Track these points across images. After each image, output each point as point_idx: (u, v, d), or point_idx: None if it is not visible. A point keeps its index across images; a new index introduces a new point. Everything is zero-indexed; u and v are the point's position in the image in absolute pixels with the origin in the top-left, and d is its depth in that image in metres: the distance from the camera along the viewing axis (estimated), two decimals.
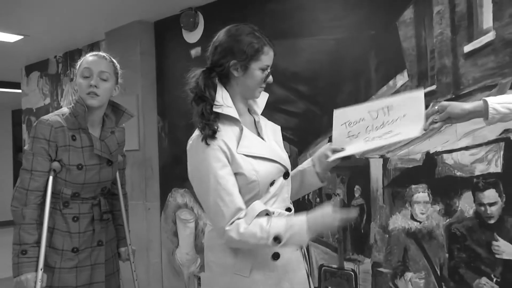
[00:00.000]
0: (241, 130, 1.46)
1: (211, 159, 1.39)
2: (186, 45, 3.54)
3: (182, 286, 3.65)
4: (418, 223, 2.35)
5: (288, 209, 1.51)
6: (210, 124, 1.41)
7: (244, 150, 1.43)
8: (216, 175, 1.38)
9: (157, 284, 3.79)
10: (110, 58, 2.00)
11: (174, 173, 3.69)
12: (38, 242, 1.84)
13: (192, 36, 3.49)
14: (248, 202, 1.41)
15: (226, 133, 1.43)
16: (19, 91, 5.66)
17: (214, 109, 1.43)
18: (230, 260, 1.46)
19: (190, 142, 1.49)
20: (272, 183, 1.47)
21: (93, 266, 1.99)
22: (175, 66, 3.68)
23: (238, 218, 1.37)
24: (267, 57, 1.48)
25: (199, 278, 3.51)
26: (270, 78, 1.50)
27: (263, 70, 1.47)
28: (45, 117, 1.93)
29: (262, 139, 1.52)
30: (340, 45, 2.65)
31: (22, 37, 4.14)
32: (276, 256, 1.45)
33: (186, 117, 3.53)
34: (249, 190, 1.44)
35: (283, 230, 1.34)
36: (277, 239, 1.33)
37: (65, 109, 1.98)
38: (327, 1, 2.71)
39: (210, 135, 1.39)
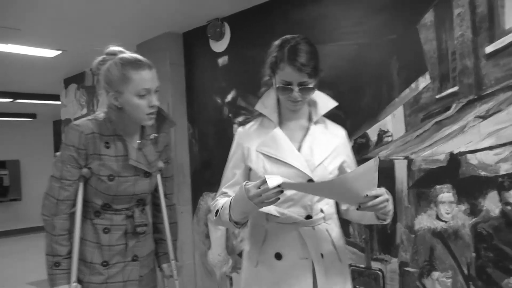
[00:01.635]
0: (272, 129, 1.60)
1: (233, 144, 1.70)
2: (213, 54, 3.65)
3: (214, 286, 3.75)
4: (444, 223, 2.37)
5: (308, 217, 1.56)
6: (248, 120, 1.71)
7: (262, 148, 1.59)
8: (229, 157, 1.70)
9: (190, 285, 3.90)
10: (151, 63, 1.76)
11: (204, 177, 3.80)
12: (70, 253, 1.74)
13: (219, 46, 3.60)
14: None
15: (258, 129, 1.64)
16: (59, 102, 5.90)
17: (256, 107, 1.65)
18: (246, 248, 1.67)
19: None
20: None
21: (126, 283, 1.81)
22: (203, 75, 3.80)
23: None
24: (283, 73, 1.51)
25: (231, 278, 3.60)
26: (294, 95, 1.52)
27: (284, 84, 1.53)
28: (76, 122, 1.75)
29: (301, 144, 1.59)
30: (362, 50, 2.71)
31: (60, 52, 4.35)
32: (278, 256, 1.56)
33: (214, 124, 3.68)
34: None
35: (223, 202, 1.56)
36: (217, 212, 1.56)
37: (100, 113, 1.80)
38: (348, 7, 2.77)
39: (242, 124, 1.71)
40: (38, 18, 3.42)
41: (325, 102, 1.66)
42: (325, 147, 1.60)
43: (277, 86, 1.55)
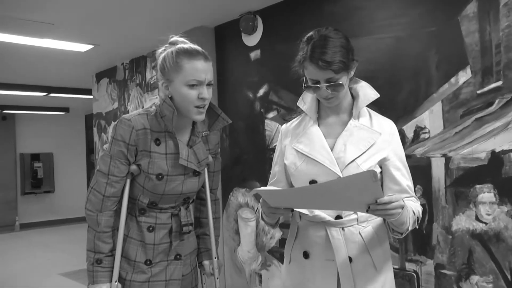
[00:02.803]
0: (310, 126, 1.59)
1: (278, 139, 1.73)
2: (245, 48, 3.62)
3: (244, 283, 3.73)
4: (484, 225, 2.27)
5: (338, 217, 1.51)
6: (292, 116, 1.73)
7: (296, 145, 1.59)
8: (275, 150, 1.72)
9: (220, 280, 3.88)
10: (208, 55, 1.67)
11: (235, 173, 3.77)
12: (113, 251, 1.69)
13: (251, 40, 3.56)
14: None
15: (297, 126, 1.64)
16: (91, 96, 5.99)
17: (297, 103, 1.65)
18: (286, 245, 1.67)
19: None
20: (313, 183, 1.51)
21: (168, 282, 1.76)
22: (235, 69, 3.76)
23: None
24: (308, 72, 1.49)
25: (260, 275, 3.57)
26: (323, 93, 1.48)
27: (312, 83, 1.50)
28: (127, 116, 1.67)
29: (336, 141, 1.54)
30: (399, 43, 2.62)
31: (92, 46, 4.40)
32: (306, 254, 1.54)
33: (246, 119, 3.64)
34: (293, 182, 1.61)
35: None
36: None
37: (152, 107, 1.71)
38: None
39: (286, 121, 1.73)
40: (71, 13, 3.46)
41: (366, 94, 1.58)
42: (361, 144, 1.52)
43: (305, 85, 1.52)
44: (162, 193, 1.70)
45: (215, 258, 1.92)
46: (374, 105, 1.63)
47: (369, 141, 1.52)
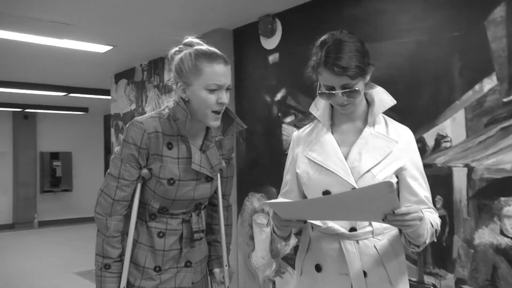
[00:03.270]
0: (323, 133, 1.53)
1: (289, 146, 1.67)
2: (264, 51, 3.57)
3: None
4: (510, 240, 2.17)
5: (352, 229, 1.44)
6: (304, 123, 1.66)
7: (308, 153, 1.53)
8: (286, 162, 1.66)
9: (232, 286, 3.84)
10: (227, 59, 1.63)
11: (251, 177, 3.72)
12: (122, 256, 1.64)
13: (270, 43, 3.51)
14: None
15: (310, 133, 1.58)
16: (109, 97, 6.02)
17: (310, 109, 1.59)
18: (297, 257, 1.63)
19: None
20: (327, 194, 1.45)
21: None
22: (253, 72, 3.72)
23: None
24: (323, 78, 1.42)
25: (274, 283, 3.51)
26: (339, 99, 1.42)
27: (326, 89, 1.44)
28: (139, 118, 1.62)
29: (350, 149, 1.47)
30: (421, 48, 2.53)
31: (111, 47, 4.40)
32: (318, 267, 1.48)
33: (263, 123, 3.59)
34: (306, 192, 1.54)
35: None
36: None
37: (165, 110, 1.66)
38: (406, 2, 2.60)
39: (298, 127, 1.68)
40: (91, 14, 3.46)
41: (382, 101, 1.51)
42: (377, 153, 1.45)
43: (319, 92, 1.45)
44: (173, 198, 1.65)
45: (226, 266, 1.84)
46: (394, 112, 1.56)
47: (385, 150, 1.45)
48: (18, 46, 4.26)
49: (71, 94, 6.86)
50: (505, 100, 2.20)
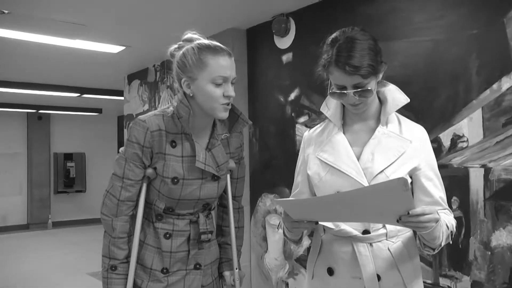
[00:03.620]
0: (334, 133, 1.49)
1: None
2: (277, 51, 3.55)
3: None
4: None
5: (365, 232, 1.41)
6: (316, 123, 1.62)
7: (319, 154, 1.49)
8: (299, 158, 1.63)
9: (245, 287, 3.83)
10: (231, 51, 1.60)
11: (264, 178, 3.70)
12: (128, 257, 1.62)
13: (283, 42, 3.49)
14: None
15: (321, 133, 1.55)
16: (122, 98, 6.04)
17: (321, 108, 1.56)
18: (308, 259, 1.58)
19: None
20: None
21: None
22: (266, 72, 3.70)
23: None
24: (334, 77, 1.39)
25: (287, 284, 3.49)
26: (350, 99, 1.38)
27: (337, 89, 1.40)
28: (142, 117, 1.60)
29: (363, 149, 1.44)
30: (437, 47, 2.49)
31: (124, 47, 4.41)
32: (330, 271, 1.45)
33: (276, 123, 3.57)
34: (317, 194, 1.51)
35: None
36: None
37: (169, 108, 1.63)
38: (422, 0, 2.56)
39: (309, 127, 1.65)
40: (103, 14, 3.47)
41: (395, 99, 1.47)
42: (391, 153, 1.41)
43: (330, 91, 1.42)
44: (178, 198, 1.61)
45: (236, 269, 1.81)
46: (409, 111, 1.54)
47: (399, 150, 1.41)
48: (31, 47, 4.28)
49: (84, 95, 6.89)
50: None
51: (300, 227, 1.36)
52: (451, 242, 1.43)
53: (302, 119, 3.37)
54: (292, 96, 3.45)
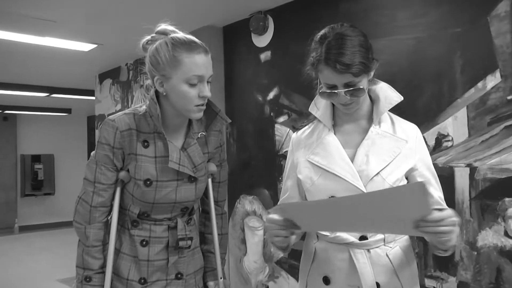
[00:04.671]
0: (325, 135, 1.42)
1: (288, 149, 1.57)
2: (255, 49, 3.48)
3: None
4: None
5: (362, 237, 1.35)
6: (304, 124, 1.55)
7: (310, 157, 1.42)
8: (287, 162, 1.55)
9: None
10: (207, 47, 1.49)
11: (242, 179, 3.62)
12: (104, 267, 1.53)
13: (261, 40, 3.42)
14: None
15: (310, 135, 1.47)
16: (93, 98, 5.88)
17: (309, 109, 1.49)
18: (300, 267, 1.51)
19: None
20: None
21: None
22: (244, 71, 3.62)
23: None
24: (324, 76, 1.31)
25: (267, 287, 3.41)
26: (341, 99, 1.31)
27: (328, 88, 1.33)
28: (112, 116, 1.52)
29: (356, 151, 1.37)
30: (421, 45, 2.46)
31: (96, 45, 4.26)
32: (326, 280, 1.37)
33: (255, 122, 3.49)
34: (309, 199, 1.42)
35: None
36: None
37: (142, 107, 1.55)
38: None
39: (297, 129, 1.56)
40: (74, 10, 3.33)
41: (388, 97, 1.41)
42: (386, 154, 1.35)
43: (320, 91, 1.35)
44: (152, 202, 1.52)
45: (221, 278, 1.72)
46: (393, 110, 1.47)
47: (395, 151, 1.36)
48: None
49: (53, 95, 6.66)
50: (509, 97, 2.13)
51: (289, 236, 1.29)
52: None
53: (282, 119, 3.30)
54: (271, 95, 3.38)
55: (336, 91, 1.30)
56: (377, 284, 1.33)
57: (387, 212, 1.12)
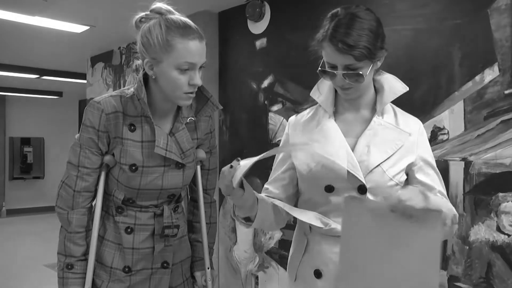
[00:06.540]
0: (325, 120, 1.37)
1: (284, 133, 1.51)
2: (251, 36, 3.42)
3: (239, 284, 3.55)
4: (506, 236, 2.09)
5: None
6: (304, 107, 1.49)
7: (308, 142, 1.37)
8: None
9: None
10: (202, 33, 1.42)
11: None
12: (86, 255, 1.49)
13: (257, 27, 3.36)
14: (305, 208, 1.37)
15: (310, 120, 1.42)
16: (85, 81, 5.79)
17: (311, 93, 1.44)
18: (289, 259, 1.48)
19: None
20: (330, 190, 1.30)
21: None
22: (239, 58, 3.56)
23: None
24: (326, 53, 1.27)
25: (256, 277, 3.40)
26: (338, 80, 1.27)
27: (328, 67, 1.28)
28: (98, 98, 1.46)
29: (357, 141, 1.32)
30: (419, 36, 2.42)
31: (88, 27, 4.18)
32: (318, 273, 1.33)
33: (248, 110, 3.45)
34: (304, 191, 1.39)
35: None
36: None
37: (130, 89, 1.49)
38: None
39: (297, 112, 1.50)
40: None
41: (393, 87, 1.37)
42: (388, 146, 1.31)
43: (320, 68, 1.29)
44: (138, 188, 1.47)
45: (208, 268, 1.68)
46: (392, 103, 1.43)
47: (397, 143, 1.31)
48: None
49: (44, 77, 6.56)
50: (506, 92, 2.11)
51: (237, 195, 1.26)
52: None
53: (276, 107, 3.26)
54: (266, 83, 3.34)
55: (335, 71, 1.26)
56: None
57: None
